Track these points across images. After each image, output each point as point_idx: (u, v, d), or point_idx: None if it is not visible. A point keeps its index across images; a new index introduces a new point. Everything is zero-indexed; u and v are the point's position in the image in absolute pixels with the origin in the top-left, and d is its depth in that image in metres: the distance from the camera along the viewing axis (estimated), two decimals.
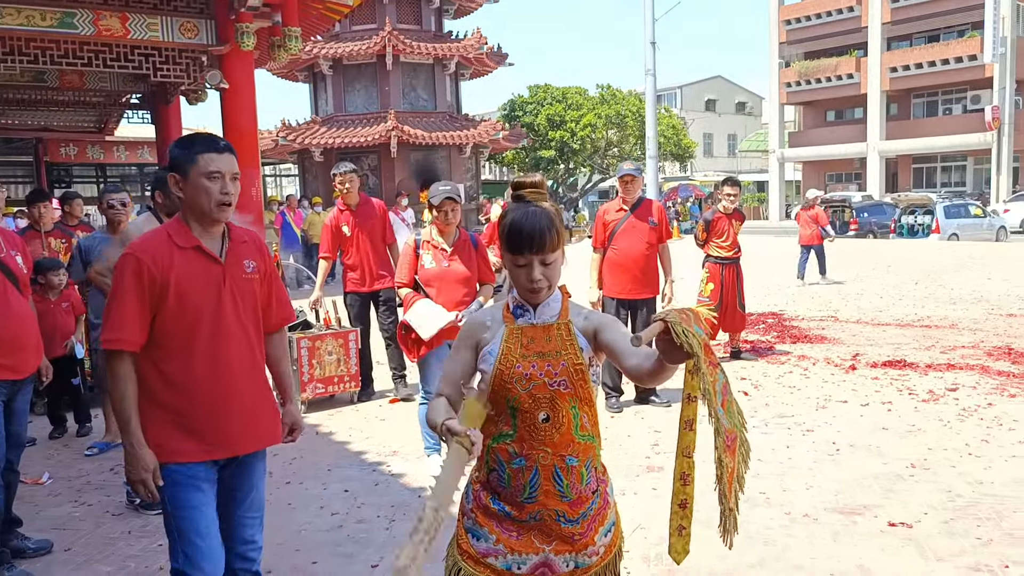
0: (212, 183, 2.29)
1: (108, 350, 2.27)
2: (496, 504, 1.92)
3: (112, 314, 2.26)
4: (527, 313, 1.94)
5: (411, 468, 4.68)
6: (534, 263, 1.86)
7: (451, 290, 4.45)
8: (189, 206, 2.33)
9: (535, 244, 1.84)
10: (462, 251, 4.50)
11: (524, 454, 1.88)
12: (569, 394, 1.87)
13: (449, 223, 4.44)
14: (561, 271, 1.94)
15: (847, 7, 39.24)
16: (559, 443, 1.87)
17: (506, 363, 1.88)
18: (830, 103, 43.24)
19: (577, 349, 1.89)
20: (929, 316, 9.63)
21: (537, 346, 1.89)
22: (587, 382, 1.88)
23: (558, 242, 1.88)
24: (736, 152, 55.49)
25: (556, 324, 1.92)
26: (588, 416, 1.92)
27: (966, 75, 35.87)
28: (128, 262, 2.25)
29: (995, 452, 4.59)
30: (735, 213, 7.36)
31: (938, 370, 6.63)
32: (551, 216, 1.87)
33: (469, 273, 4.51)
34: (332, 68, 25.98)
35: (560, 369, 1.87)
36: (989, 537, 3.49)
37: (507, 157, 34.28)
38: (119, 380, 2.26)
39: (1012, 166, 35.63)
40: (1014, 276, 13.36)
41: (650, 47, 20.96)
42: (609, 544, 1.98)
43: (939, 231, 21.56)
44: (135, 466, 2.26)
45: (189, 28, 11.67)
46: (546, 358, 1.88)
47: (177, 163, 2.31)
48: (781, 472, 4.38)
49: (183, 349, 2.30)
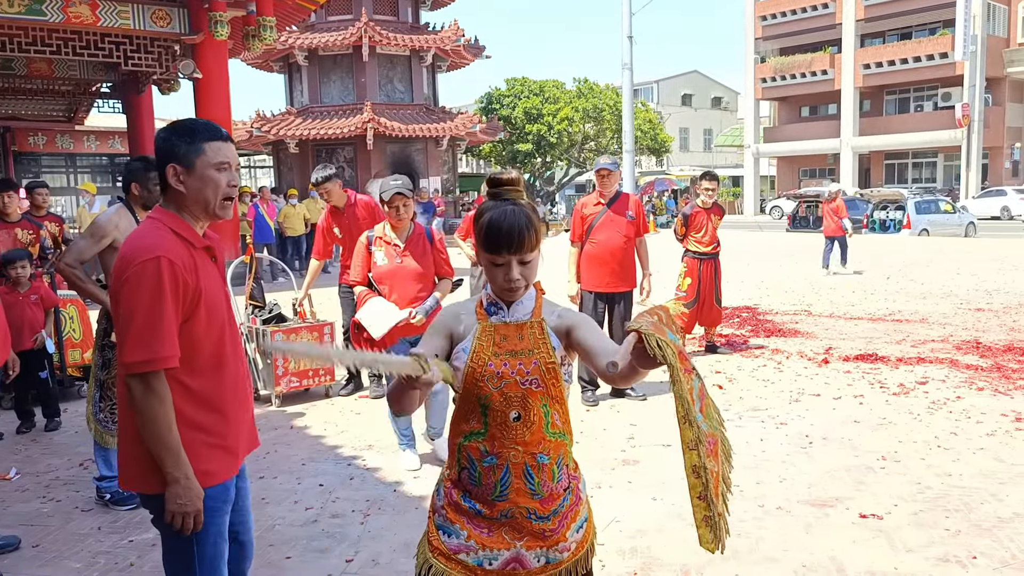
0: (221, 174, 2.09)
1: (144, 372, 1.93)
2: (467, 502, 1.92)
3: (146, 328, 1.93)
4: (500, 311, 1.92)
5: (386, 462, 4.66)
6: (512, 263, 1.84)
7: (405, 287, 4.39)
8: (192, 200, 2.08)
9: (513, 244, 1.82)
10: (416, 246, 4.43)
11: (495, 452, 1.87)
12: (541, 392, 1.87)
13: (401, 218, 4.37)
14: (538, 269, 1.92)
15: (821, 4, 39.62)
16: (530, 441, 1.87)
17: (478, 361, 1.87)
18: (805, 99, 43.67)
19: (550, 348, 1.88)
20: (900, 310, 9.77)
21: (510, 344, 1.88)
22: (559, 380, 1.88)
23: (536, 241, 1.85)
24: (712, 147, 55.83)
25: (529, 322, 1.91)
26: (559, 414, 1.92)
27: (937, 72, 36.41)
28: (162, 265, 1.95)
29: (963, 444, 4.67)
30: (714, 208, 7.40)
31: (908, 364, 6.73)
32: (529, 215, 1.85)
33: (423, 269, 4.43)
34: (307, 59, 25.72)
35: (532, 368, 1.86)
36: (957, 528, 3.55)
37: (484, 150, 34.24)
38: (162, 403, 1.95)
39: (981, 163, 36.25)
40: (982, 271, 13.60)
41: (627, 41, 21.00)
42: (581, 540, 1.97)
43: (910, 227, 21.87)
44: (191, 498, 2.00)
45: (161, 16, 11.49)
46: (518, 356, 1.87)
47: (178, 153, 2.05)
48: (755, 465, 4.42)
49: (212, 362, 2.09)
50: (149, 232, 2.05)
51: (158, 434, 1.96)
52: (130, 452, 2.08)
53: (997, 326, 8.48)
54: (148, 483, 2.05)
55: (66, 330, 6.30)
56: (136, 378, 1.95)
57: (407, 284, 4.39)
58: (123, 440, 2.11)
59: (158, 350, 1.94)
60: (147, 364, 1.93)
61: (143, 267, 1.95)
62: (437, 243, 4.53)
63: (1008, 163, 37.50)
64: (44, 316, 5.57)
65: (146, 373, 1.94)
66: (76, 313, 6.49)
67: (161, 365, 1.95)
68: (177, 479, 1.98)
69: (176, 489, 1.99)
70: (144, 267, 1.95)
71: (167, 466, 1.98)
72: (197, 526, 2.04)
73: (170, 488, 1.99)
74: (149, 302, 1.94)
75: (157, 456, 1.98)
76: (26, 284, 5.41)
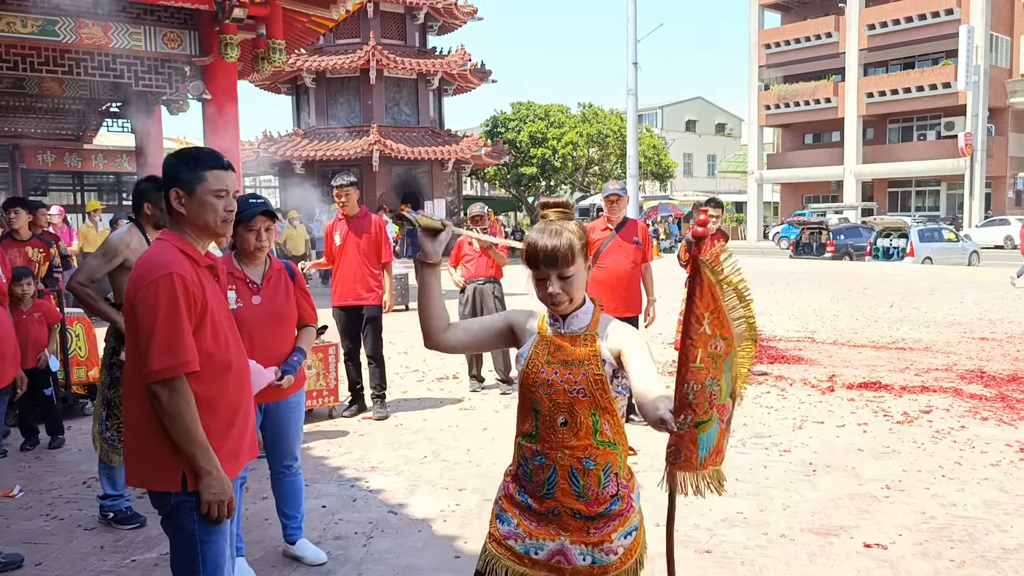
0: (219, 200, 2.28)
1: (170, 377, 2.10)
2: (521, 496, 2.10)
3: (168, 337, 2.11)
4: (557, 323, 2.09)
5: (389, 484, 4.66)
6: (552, 277, 2.01)
7: (264, 336, 3.38)
8: (192, 222, 2.28)
9: (549, 260, 1.99)
10: (275, 285, 3.53)
11: (544, 453, 2.03)
12: (588, 402, 1.99)
13: (262, 247, 3.46)
14: (583, 285, 2.06)
15: (825, 33, 39.97)
16: (576, 446, 2.00)
17: (532, 368, 2.05)
18: (808, 126, 43.92)
19: (599, 361, 2.01)
20: (904, 338, 9.76)
21: (562, 355, 2.03)
22: (607, 392, 2.00)
23: (572, 259, 1.99)
24: (715, 172, 56.08)
25: (583, 335, 2.05)
26: (609, 424, 2.03)
27: (940, 102, 36.63)
28: (174, 281, 2.13)
29: (968, 474, 4.65)
30: (717, 234, 7.43)
31: (912, 392, 6.72)
32: (568, 235, 2.01)
33: (287, 311, 3.51)
34: (315, 81, 25.99)
35: (580, 378, 2.00)
36: (962, 559, 3.53)
37: (489, 173, 34.39)
38: (189, 404, 2.12)
39: (984, 192, 36.33)
40: (985, 300, 13.59)
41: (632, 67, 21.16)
42: (630, 547, 2.05)
43: (913, 254, 21.89)
44: (223, 488, 2.18)
45: (172, 38, 11.65)
46: (569, 367, 2.01)
47: (182, 179, 2.25)
48: (758, 492, 4.41)
49: (217, 370, 2.25)
50: (161, 251, 2.23)
51: (188, 432, 2.12)
52: (140, 450, 2.22)
53: (1001, 355, 8.47)
54: (158, 480, 2.20)
55: (72, 348, 6.33)
56: (162, 384, 2.10)
57: (265, 332, 3.39)
58: (132, 439, 2.24)
59: (181, 355, 2.11)
60: (173, 369, 2.10)
61: (159, 282, 2.12)
62: (299, 280, 3.66)
63: (1011, 192, 37.59)
64: (48, 333, 5.58)
65: (172, 378, 2.10)
66: (82, 331, 6.51)
67: (184, 369, 2.12)
68: (209, 471, 2.15)
69: (209, 481, 2.16)
70: (160, 282, 2.12)
71: (199, 460, 2.14)
72: (230, 513, 2.21)
73: (203, 480, 2.16)
74: (167, 313, 2.11)
75: (188, 453, 2.13)
76: (29, 302, 5.43)
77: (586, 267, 2.07)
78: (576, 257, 2.00)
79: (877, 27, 38.07)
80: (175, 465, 2.17)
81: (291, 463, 3.63)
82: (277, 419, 3.51)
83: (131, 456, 2.25)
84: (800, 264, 23.30)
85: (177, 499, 2.19)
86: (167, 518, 2.24)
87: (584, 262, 2.05)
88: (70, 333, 6.30)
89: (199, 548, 2.22)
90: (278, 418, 3.51)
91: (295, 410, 3.60)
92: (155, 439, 2.16)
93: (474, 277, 7.02)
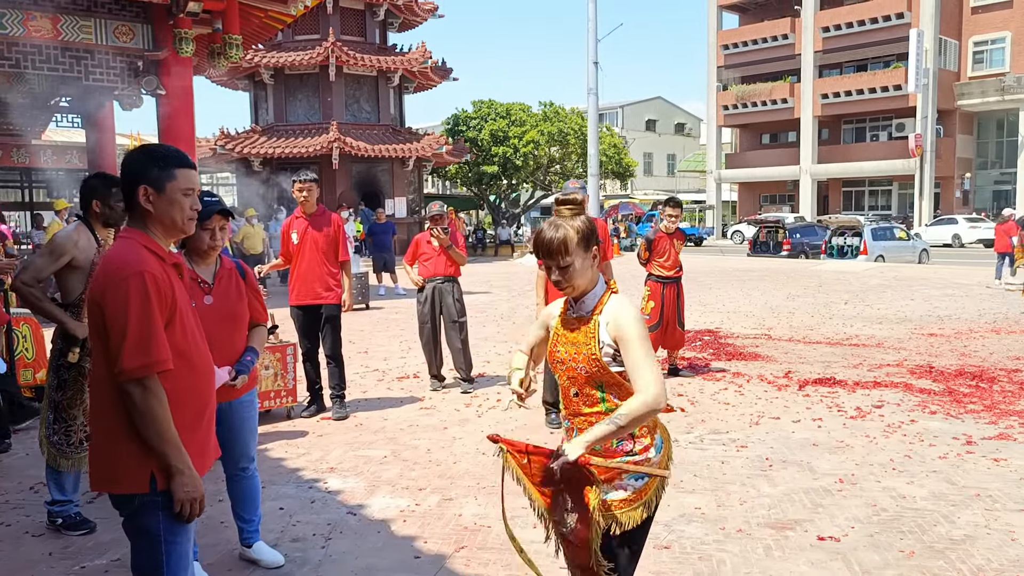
0: (186, 199, 2.28)
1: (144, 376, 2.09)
2: None
3: (141, 336, 2.09)
4: (571, 307, 2.36)
5: (348, 485, 4.62)
6: (552, 266, 2.28)
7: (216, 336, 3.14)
8: (158, 220, 2.26)
9: (546, 251, 2.26)
10: (226, 285, 3.46)
11: (567, 417, 2.38)
12: (591, 377, 2.26)
13: (215, 246, 3.42)
14: (589, 275, 2.28)
15: (782, 34, 40.68)
16: (589, 414, 2.29)
17: (552, 345, 2.38)
18: (765, 127, 44.65)
19: (597, 344, 2.25)
20: (857, 335, 9.97)
21: (571, 336, 2.31)
22: (606, 369, 2.24)
23: (567, 251, 2.24)
24: (675, 172, 56.68)
25: (588, 318, 2.29)
26: (617, 394, 2.28)
27: (891, 104, 37.53)
28: (145, 280, 2.11)
29: (917, 467, 4.77)
30: (677, 232, 7.51)
31: (865, 388, 6.87)
32: (566, 230, 2.25)
33: (239, 311, 3.45)
34: (273, 77, 25.63)
35: (582, 357, 2.26)
36: (911, 550, 3.62)
37: (450, 171, 34.29)
38: (161, 403, 2.12)
39: (933, 192, 37.32)
40: (934, 297, 13.96)
41: (593, 67, 21.29)
42: (641, 489, 2.28)
43: (867, 252, 22.38)
44: (195, 486, 2.18)
45: (125, 32, 11.38)
46: (577, 346, 2.28)
47: (152, 177, 2.23)
48: (715, 487, 4.47)
49: (189, 366, 2.26)
50: (128, 250, 2.19)
51: (160, 432, 2.12)
52: (107, 453, 2.19)
53: (949, 351, 8.70)
54: (126, 482, 2.18)
55: (18, 349, 6.15)
56: (135, 383, 2.10)
57: (217, 332, 3.20)
58: (100, 442, 2.21)
59: (154, 354, 2.10)
60: (146, 368, 2.09)
61: (129, 281, 2.10)
62: (251, 279, 3.63)
63: (959, 192, 38.66)
64: None
65: (144, 377, 2.09)
66: (29, 332, 6.33)
67: (158, 368, 2.11)
68: (181, 470, 2.15)
69: (181, 479, 2.16)
70: (130, 281, 2.10)
71: (171, 459, 2.14)
72: (201, 511, 2.21)
73: (176, 479, 2.15)
74: (139, 312, 2.10)
75: (161, 452, 2.13)
76: None
77: (590, 258, 2.27)
78: (572, 249, 2.23)
79: (832, 30, 38.86)
80: (143, 466, 2.15)
81: (247, 465, 3.58)
82: (231, 420, 3.45)
83: (97, 460, 2.22)
84: (757, 262, 23.68)
85: (142, 500, 2.17)
86: (130, 519, 2.22)
87: (585, 254, 2.26)
88: (16, 334, 6.12)
89: (164, 549, 2.21)
90: (232, 419, 3.46)
91: (248, 410, 3.55)
92: (123, 441, 2.15)
93: (432, 276, 6.99)
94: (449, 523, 4.03)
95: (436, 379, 7.16)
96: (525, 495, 2.40)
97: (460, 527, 3.97)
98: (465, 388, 7.02)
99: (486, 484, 4.59)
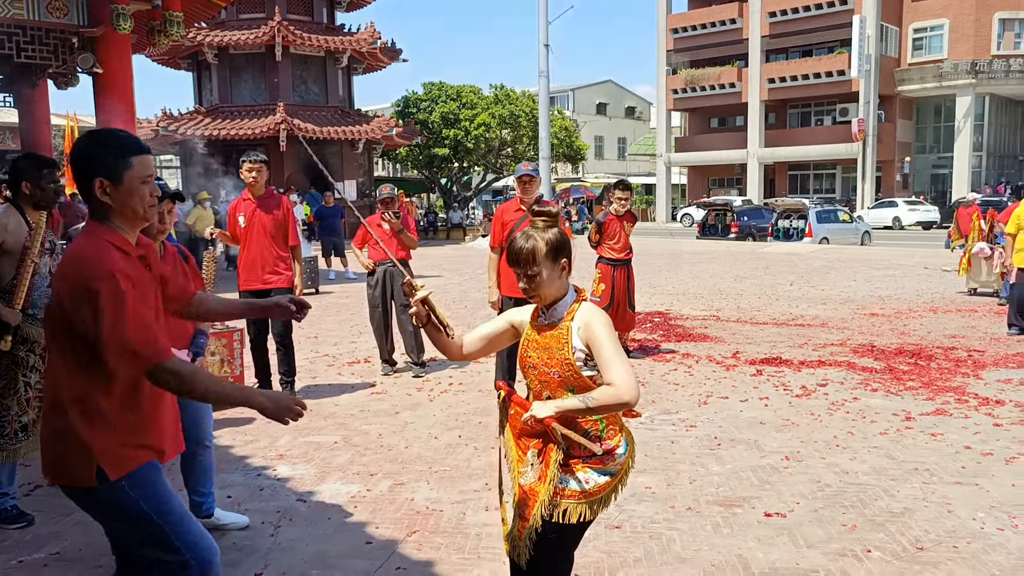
0: (145, 186, 2.20)
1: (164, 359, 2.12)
2: None
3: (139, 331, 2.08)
4: (542, 314, 2.40)
5: (298, 472, 4.55)
6: (520, 274, 2.35)
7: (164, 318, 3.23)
8: (119, 212, 2.18)
9: (515, 259, 2.34)
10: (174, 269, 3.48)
11: None
12: (564, 381, 2.31)
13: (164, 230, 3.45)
14: (557, 284, 2.34)
15: (729, 19, 41.13)
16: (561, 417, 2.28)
17: (523, 352, 2.42)
18: (714, 111, 45.19)
19: (569, 349, 2.30)
20: (802, 315, 10.20)
21: (543, 341, 2.36)
22: (578, 373, 2.30)
23: (535, 262, 2.30)
24: (626, 155, 57.06)
25: (560, 325, 2.34)
26: None
27: (835, 89, 38.33)
28: (118, 279, 2.06)
29: (859, 443, 4.90)
30: (627, 215, 7.55)
31: (810, 367, 7.03)
32: (536, 241, 2.31)
33: None
34: (217, 57, 24.97)
35: (554, 362, 2.32)
36: (853, 523, 3.73)
37: (401, 154, 33.97)
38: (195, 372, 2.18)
39: (875, 175, 38.32)
40: (876, 278, 14.36)
41: (544, 49, 21.23)
42: (602, 486, 2.34)
43: (811, 235, 22.90)
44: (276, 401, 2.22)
45: (58, 7, 10.94)
46: (548, 352, 2.33)
47: (107, 167, 2.14)
48: (666, 467, 4.53)
49: None
50: (93, 248, 2.12)
51: (217, 391, 2.24)
52: (58, 449, 2.16)
53: (889, 330, 8.96)
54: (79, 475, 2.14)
55: None
56: (160, 370, 2.11)
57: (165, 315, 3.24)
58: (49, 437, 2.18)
59: (158, 343, 2.13)
60: (159, 355, 2.11)
61: (103, 284, 2.04)
62: (192, 264, 3.70)
63: (899, 176, 39.76)
64: None
65: (162, 362, 2.11)
66: None
67: (168, 354, 2.14)
68: (258, 401, 2.21)
69: (265, 409, 2.21)
70: (103, 283, 2.04)
71: (243, 400, 2.24)
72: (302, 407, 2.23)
73: (262, 410, 2.21)
74: (130, 309, 2.07)
75: (232, 402, 2.29)
76: None
77: (559, 270, 2.33)
78: (540, 260, 2.30)
79: (778, 15, 39.43)
80: (89, 461, 2.11)
81: (208, 442, 3.66)
82: (190, 403, 3.40)
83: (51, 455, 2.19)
84: (706, 245, 24.03)
85: (104, 492, 2.14)
86: (104, 514, 2.21)
87: (553, 265, 2.32)
88: None
89: (165, 518, 2.19)
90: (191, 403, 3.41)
91: None
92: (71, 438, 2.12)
93: (383, 259, 6.91)
94: (401, 508, 4.01)
95: (387, 363, 7.10)
96: (505, 445, 2.49)
97: (412, 511, 3.95)
98: (417, 372, 6.98)
99: (438, 468, 4.57)
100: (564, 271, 2.37)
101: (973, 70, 35.90)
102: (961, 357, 7.37)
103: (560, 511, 2.31)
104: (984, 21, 36.68)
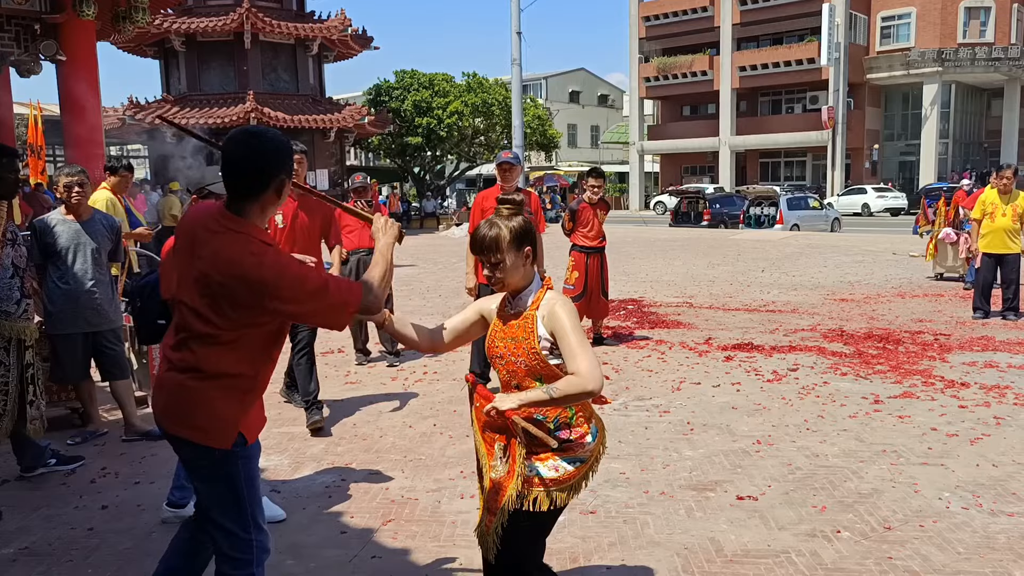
0: None
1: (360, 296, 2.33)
2: None
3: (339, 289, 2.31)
4: (509, 304, 2.41)
5: (272, 462, 4.53)
6: (484, 262, 2.36)
7: None
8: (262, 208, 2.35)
9: (478, 246, 2.35)
10: None
11: None
12: (531, 371, 2.32)
13: None
14: (521, 272, 2.34)
15: (701, 7, 41.28)
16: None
17: (490, 342, 2.42)
18: (686, 99, 45.37)
19: (535, 338, 2.30)
20: (774, 301, 10.32)
21: (510, 331, 2.36)
22: (544, 362, 2.30)
23: (498, 249, 2.31)
24: (599, 143, 57.13)
25: (525, 314, 2.34)
26: None
27: (805, 77, 38.67)
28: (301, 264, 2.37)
29: (829, 427, 4.98)
30: (600, 203, 7.57)
31: (781, 352, 7.12)
32: (499, 229, 2.32)
33: None
34: (185, 44, 24.53)
35: (521, 352, 2.32)
36: (823, 505, 3.79)
37: (373, 143, 33.68)
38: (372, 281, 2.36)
39: (845, 163, 38.77)
40: (845, 264, 14.56)
41: (516, 37, 21.16)
42: (572, 473, 2.35)
43: (783, 222, 23.13)
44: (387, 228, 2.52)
45: None
46: (516, 341, 2.34)
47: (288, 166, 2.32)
48: (639, 452, 4.57)
49: None
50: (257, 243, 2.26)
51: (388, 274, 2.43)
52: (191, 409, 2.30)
53: (858, 315, 9.10)
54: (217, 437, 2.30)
55: None
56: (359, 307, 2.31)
57: None
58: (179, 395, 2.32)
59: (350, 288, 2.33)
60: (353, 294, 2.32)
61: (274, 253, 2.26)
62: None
63: (868, 163, 40.28)
64: None
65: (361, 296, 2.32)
66: None
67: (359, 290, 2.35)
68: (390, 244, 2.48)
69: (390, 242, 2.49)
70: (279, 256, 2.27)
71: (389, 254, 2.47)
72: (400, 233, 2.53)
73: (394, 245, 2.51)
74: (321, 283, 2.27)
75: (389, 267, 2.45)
76: None
77: (522, 257, 2.33)
78: (504, 248, 2.30)
79: (749, 3, 39.67)
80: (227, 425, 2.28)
81: None
82: None
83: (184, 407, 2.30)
84: (679, 232, 24.18)
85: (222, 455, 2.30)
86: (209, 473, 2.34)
87: (517, 253, 2.31)
88: None
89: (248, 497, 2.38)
90: None
91: None
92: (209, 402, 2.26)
93: (356, 248, 6.87)
94: (376, 497, 4.00)
95: (361, 353, 7.07)
96: (474, 438, 2.48)
97: (387, 501, 3.95)
98: (391, 362, 6.96)
99: (413, 457, 4.57)
100: (528, 259, 2.36)
101: (940, 58, 36.39)
102: (928, 341, 7.51)
103: (531, 499, 2.31)
104: (950, 9, 37.20)
